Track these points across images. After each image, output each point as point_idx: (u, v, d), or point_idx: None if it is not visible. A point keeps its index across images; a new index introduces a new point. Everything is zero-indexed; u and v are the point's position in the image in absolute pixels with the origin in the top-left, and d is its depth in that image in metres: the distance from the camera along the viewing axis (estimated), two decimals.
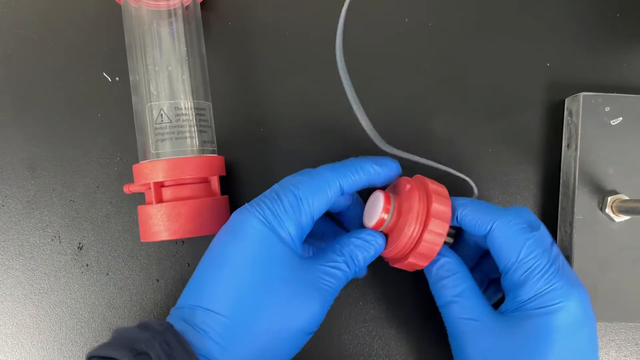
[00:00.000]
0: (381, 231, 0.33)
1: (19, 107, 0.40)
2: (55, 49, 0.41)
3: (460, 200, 0.33)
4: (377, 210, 0.32)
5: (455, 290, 0.32)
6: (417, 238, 0.31)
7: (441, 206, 0.31)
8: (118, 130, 0.40)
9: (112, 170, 0.40)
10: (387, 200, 0.32)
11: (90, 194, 0.40)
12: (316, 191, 0.30)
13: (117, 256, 0.40)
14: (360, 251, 0.31)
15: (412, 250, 0.32)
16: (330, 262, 0.30)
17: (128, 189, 0.37)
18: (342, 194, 0.31)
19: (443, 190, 0.33)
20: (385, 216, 0.32)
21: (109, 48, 0.40)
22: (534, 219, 0.32)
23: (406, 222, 0.31)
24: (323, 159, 0.40)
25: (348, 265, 0.31)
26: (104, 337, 0.40)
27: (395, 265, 0.33)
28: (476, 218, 0.32)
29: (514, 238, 0.30)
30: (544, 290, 0.29)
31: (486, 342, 0.30)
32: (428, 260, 0.32)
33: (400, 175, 0.34)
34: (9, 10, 0.41)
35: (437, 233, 0.31)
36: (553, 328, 0.29)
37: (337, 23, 0.31)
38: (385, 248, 0.33)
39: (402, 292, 0.41)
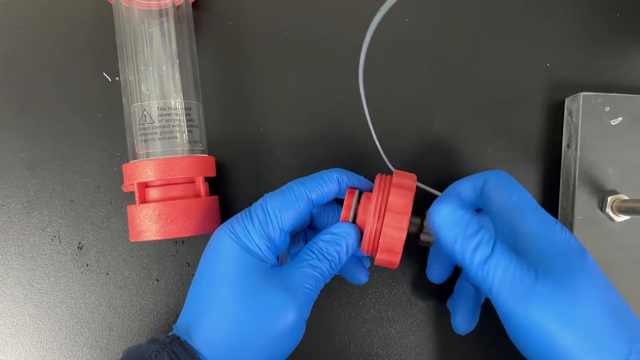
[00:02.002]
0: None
1: (19, 107, 0.40)
2: (55, 49, 0.41)
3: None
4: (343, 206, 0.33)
5: (490, 243, 0.29)
6: (378, 232, 0.31)
7: (399, 199, 0.31)
8: (118, 130, 0.40)
9: (112, 170, 0.40)
10: (350, 195, 0.33)
11: (90, 194, 0.40)
12: (284, 206, 0.32)
13: (117, 256, 0.40)
14: (331, 246, 0.32)
15: (378, 246, 0.31)
16: (302, 262, 0.31)
17: (125, 187, 0.37)
18: (314, 206, 0.33)
19: (409, 182, 0.32)
20: (346, 212, 0.33)
21: (109, 48, 0.40)
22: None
23: (366, 218, 0.32)
24: (319, 160, 0.40)
25: (321, 262, 0.31)
26: (104, 337, 0.40)
27: (376, 264, 0.33)
28: (471, 180, 0.32)
29: (509, 184, 0.31)
30: (547, 220, 0.30)
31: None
32: (395, 255, 0.31)
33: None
34: (9, 10, 0.41)
35: (394, 227, 0.31)
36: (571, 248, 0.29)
37: (369, 29, 0.31)
38: (361, 245, 0.33)
39: (402, 292, 0.41)
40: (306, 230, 0.37)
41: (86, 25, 0.41)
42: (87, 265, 0.40)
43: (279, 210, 0.32)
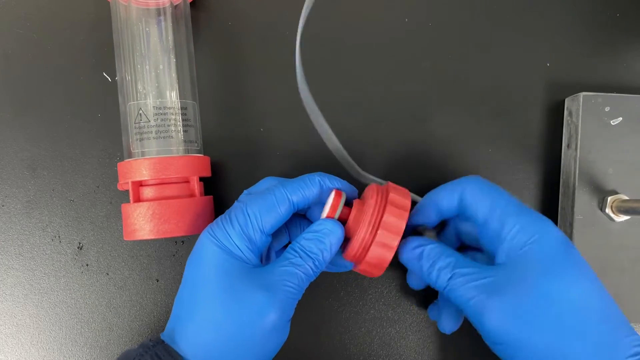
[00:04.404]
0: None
1: (19, 107, 0.40)
2: (55, 49, 0.41)
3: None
4: (327, 206, 0.33)
5: (449, 267, 0.31)
6: (368, 246, 0.31)
7: (393, 218, 0.31)
8: (118, 130, 0.40)
9: (112, 170, 0.40)
10: (338, 196, 0.33)
11: (90, 194, 0.40)
12: (265, 209, 0.32)
13: (117, 256, 0.40)
14: (313, 244, 0.32)
15: (364, 258, 0.32)
16: (284, 261, 0.32)
17: (120, 185, 0.37)
18: (295, 208, 0.33)
19: (404, 201, 0.32)
20: (332, 212, 0.32)
21: (108, 48, 0.40)
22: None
23: (359, 227, 0.31)
24: (316, 160, 0.40)
25: (304, 260, 0.31)
26: (104, 337, 0.40)
27: (354, 270, 0.33)
28: (447, 191, 0.34)
29: (486, 190, 0.33)
30: (526, 222, 0.31)
31: (500, 295, 0.29)
32: (379, 270, 0.32)
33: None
34: (9, 10, 0.41)
35: (385, 245, 0.31)
36: (545, 253, 0.30)
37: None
38: (345, 250, 0.33)
39: (402, 292, 0.41)
40: (288, 225, 0.37)
41: (86, 25, 0.41)
42: (87, 265, 0.40)
43: (259, 212, 0.32)
